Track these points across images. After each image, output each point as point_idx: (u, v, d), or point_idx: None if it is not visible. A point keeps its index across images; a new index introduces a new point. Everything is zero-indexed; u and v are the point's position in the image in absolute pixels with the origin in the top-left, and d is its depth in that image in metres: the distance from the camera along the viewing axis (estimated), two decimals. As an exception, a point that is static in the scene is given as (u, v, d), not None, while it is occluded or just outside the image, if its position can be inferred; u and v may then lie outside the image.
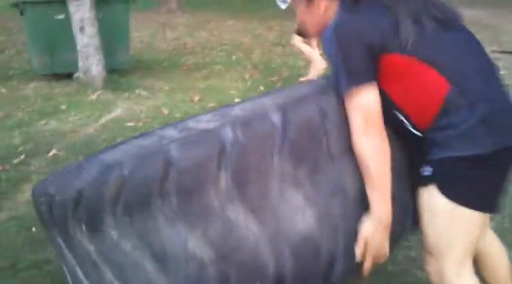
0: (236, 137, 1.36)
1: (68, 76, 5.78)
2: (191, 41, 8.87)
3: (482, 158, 1.32)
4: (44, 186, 1.58)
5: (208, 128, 1.43)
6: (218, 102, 4.80)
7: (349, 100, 1.38)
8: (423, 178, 1.42)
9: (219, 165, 1.33)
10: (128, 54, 6.26)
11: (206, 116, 1.51)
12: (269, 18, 10.54)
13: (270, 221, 1.34)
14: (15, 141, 3.98)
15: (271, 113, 1.41)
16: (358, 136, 1.37)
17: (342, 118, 1.42)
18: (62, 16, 5.57)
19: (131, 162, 1.39)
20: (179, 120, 1.61)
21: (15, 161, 3.58)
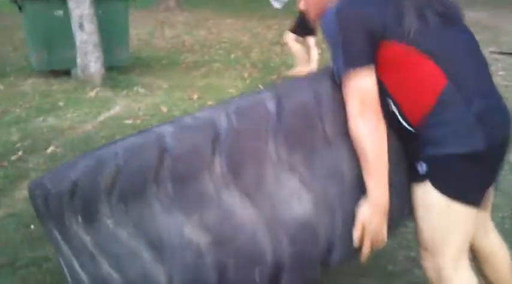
0: (230, 123, 1.36)
1: (66, 73, 5.76)
2: (190, 39, 8.85)
3: (476, 155, 1.33)
4: (40, 180, 1.59)
5: (203, 116, 1.43)
6: (217, 101, 4.78)
7: (346, 82, 1.36)
8: (417, 175, 1.41)
9: (214, 151, 1.32)
10: (127, 51, 6.24)
11: (203, 112, 1.50)
12: (268, 17, 10.54)
13: (266, 206, 1.33)
14: (13, 138, 3.96)
15: (266, 100, 1.40)
16: (354, 118, 1.35)
17: (337, 103, 1.41)
18: (61, 12, 5.55)
19: (126, 152, 1.39)
20: (177, 117, 1.60)
21: (13, 158, 3.56)
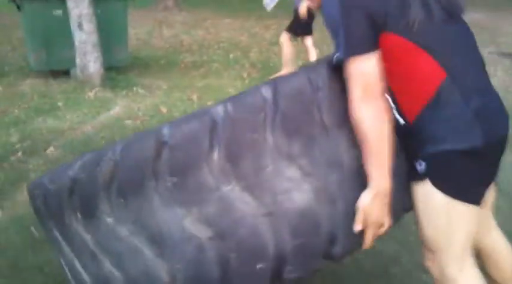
0: (227, 112, 1.35)
1: (65, 73, 5.73)
2: (188, 39, 8.83)
3: (475, 151, 1.32)
4: (39, 180, 1.58)
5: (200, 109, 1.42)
6: (216, 101, 4.74)
7: (348, 67, 1.33)
8: (417, 173, 1.40)
9: (211, 140, 1.31)
10: (126, 51, 6.21)
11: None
12: (266, 17, 10.50)
13: (267, 197, 1.32)
14: (12, 139, 3.94)
15: (262, 88, 1.39)
16: (356, 104, 1.32)
17: (334, 89, 1.39)
18: (60, 12, 5.52)
19: (123, 147, 1.38)
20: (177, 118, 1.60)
21: (12, 159, 3.54)
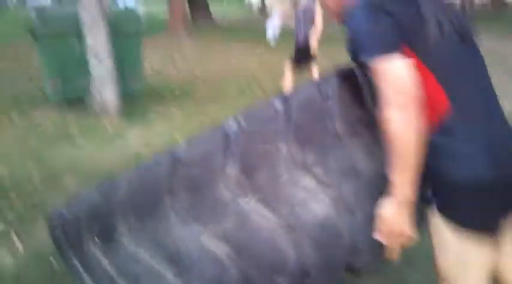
0: (239, 126, 1.35)
1: (81, 102, 5.79)
2: (201, 69, 8.92)
3: (483, 184, 1.28)
4: (57, 210, 1.61)
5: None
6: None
7: (378, 67, 1.25)
8: (427, 202, 1.37)
9: (226, 154, 1.32)
10: (141, 81, 6.30)
11: None
12: (277, 47, 10.63)
13: (283, 207, 1.31)
14: (29, 169, 3.96)
15: (273, 101, 1.40)
16: (387, 108, 1.23)
17: (344, 98, 1.39)
18: (76, 42, 5.60)
19: (139, 168, 1.41)
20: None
21: (30, 189, 3.55)
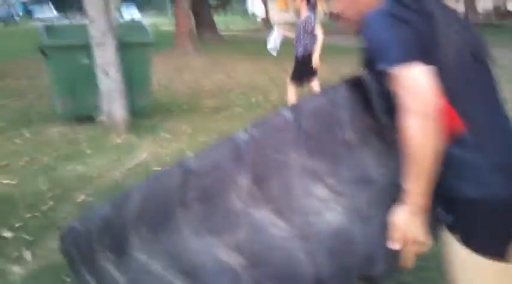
0: (250, 135, 1.36)
1: (91, 119, 5.81)
2: (209, 83, 8.96)
3: (497, 201, 1.26)
4: (69, 225, 1.62)
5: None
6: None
7: (399, 75, 1.23)
8: (441, 220, 1.35)
9: (237, 164, 1.32)
10: (149, 97, 6.32)
11: None
12: (281, 59, 10.66)
13: (297, 217, 1.30)
14: (42, 187, 3.96)
15: (283, 110, 1.41)
16: (406, 116, 1.21)
17: (354, 107, 1.38)
18: (85, 59, 5.63)
19: (151, 179, 1.41)
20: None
21: (43, 208, 3.54)
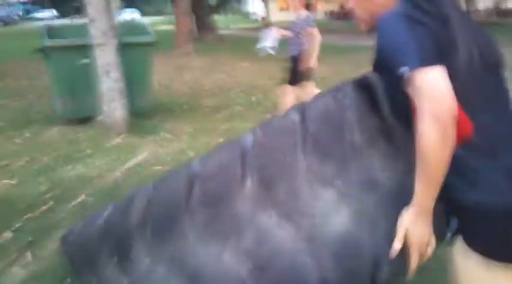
0: (256, 138, 1.34)
1: (91, 119, 5.78)
2: (209, 83, 8.94)
3: (509, 209, 1.23)
4: (72, 228, 1.59)
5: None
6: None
7: (417, 80, 1.19)
8: (449, 225, 1.34)
9: (243, 168, 1.29)
10: (150, 97, 6.30)
11: None
12: (283, 60, 10.66)
13: (304, 220, 1.28)
14: (42, 188, 3.93)
15: (289, 112, 1.38)
16: (422, 119, 1.18)
17: (362, 108, 1.36)
18: (86, 59, 5.61)
19: (156, 183, 1.38)
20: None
21: (43, 208, 3.51)
